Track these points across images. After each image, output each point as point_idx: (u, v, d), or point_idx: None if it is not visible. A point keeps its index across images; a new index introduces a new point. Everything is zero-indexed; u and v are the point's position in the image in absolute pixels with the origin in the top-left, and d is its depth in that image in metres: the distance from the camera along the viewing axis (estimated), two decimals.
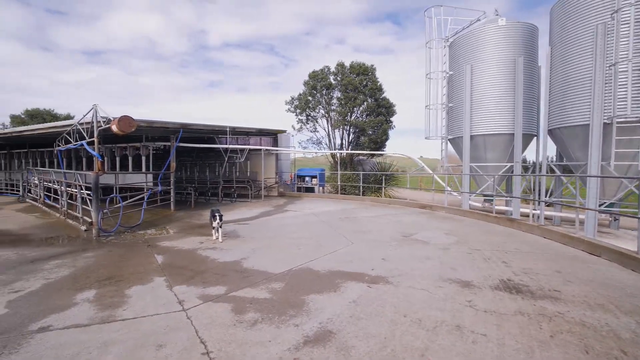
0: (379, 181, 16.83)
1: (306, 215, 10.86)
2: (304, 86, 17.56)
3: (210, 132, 13.51)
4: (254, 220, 10.00)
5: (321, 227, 8.78)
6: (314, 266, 5.28)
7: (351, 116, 16.98)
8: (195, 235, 7.86)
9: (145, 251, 6.36)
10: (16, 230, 8.41)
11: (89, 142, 8.41)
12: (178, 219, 10.27)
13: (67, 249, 6.60)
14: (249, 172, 18.42)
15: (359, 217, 10.40)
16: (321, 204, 13.87)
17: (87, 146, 8.02)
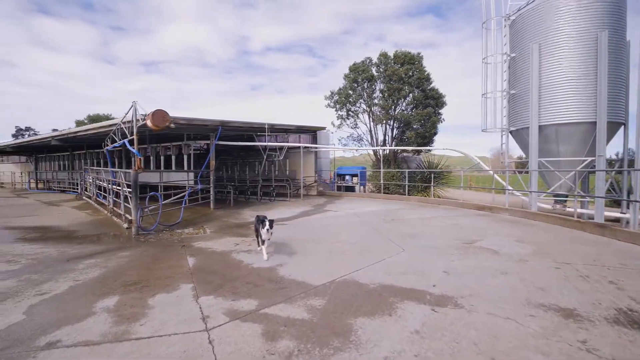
0: (426, 179, 15.45)
1: (348, 215, 10.03)
2: (344, 80, 16.68)
3: (249, 130, 13.25)
4: (292, 220, 9.40)
5: (365, 229, 7.89)
6: (360, 277, 4.44)
7: (395, 109, 15.75)
8: (231, 235, 7.43)
9: (178, 252, 5.99)
10: (65, 227, 8.65)
11: (130, 140, 8.38)
12: (216, 218, 10.02)
13: (104, 247, 6.47)
14: (288, 171, 18.03)
15: (407, 218, 9.33)
16: (363, 203, 12.94)
17: (127, 144, 7.97)
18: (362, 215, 9.89)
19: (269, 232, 5.21)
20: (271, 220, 5.25)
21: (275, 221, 9.30)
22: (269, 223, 5.21)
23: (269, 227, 5.20)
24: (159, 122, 6.16)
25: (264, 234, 5.26)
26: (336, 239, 6.87)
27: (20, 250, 6.13)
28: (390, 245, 6.18)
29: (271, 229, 5.24)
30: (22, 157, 25.83)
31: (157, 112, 6.20)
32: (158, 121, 6.15)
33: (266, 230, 5.15)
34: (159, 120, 6.17)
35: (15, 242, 6.81)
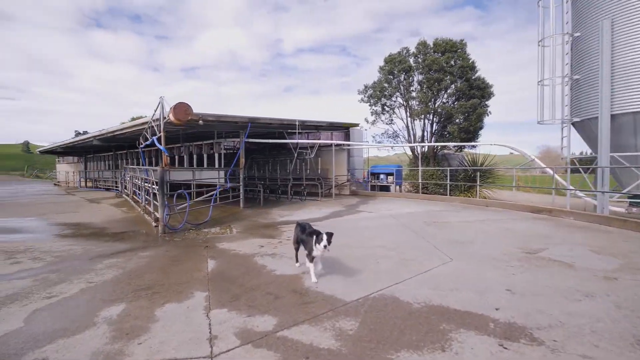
0: (470, 178, 14.08)
1: (383, 217, 9.19)
2: (379, 72, 15.70)
3: (279, 127, 12.84)
4: (322, 221, 8.77)
5: (404, 233, 7.04)
6: (401, 293, 3.68)
7: (435, 102, 14.49)
8: (257, 236, 6.96)
9: (200, 254, 5.60)
10: (98, 224, 8.75)
11: (159, 137, 8.25)
12: (244, 217, 9.67)
13: (129, 245, 6.28)
14: (320, 170, 17.45)
15: (451, 221, 8.30)
16: (400, 204, 11.98)
17: (156, 141, 7.82)
18: (399, 217, 9.01)
19: (326, 249, 3.88)
20: (330, 234, 3.92)
21: None
22: (327, 238, 3.85)
23: (327, 242, 3.84)
24: (181, 116, 5.85)
25: (318, 250, 3.95)
26: (370, 243, 6.11)
27: (49, 247, 6.10)
28: (435, 253, 5.31)
29: (329, 244, 3.88)
30: (75, 158, 27.88)
31: (179, 106, 5.88)
32: (180, 115, 5.84)
33: (323, 247, 3.83)
34: (181, 114, 5.86)
35: (47, 239, 6.87)
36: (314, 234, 4.02)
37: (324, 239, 3.87)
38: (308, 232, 4.20)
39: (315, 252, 4.01)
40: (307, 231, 4.25)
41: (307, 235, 4.17)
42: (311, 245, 4.02)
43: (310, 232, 4.12)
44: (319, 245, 3.88)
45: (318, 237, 3.92)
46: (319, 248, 3.90)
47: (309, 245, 4.07)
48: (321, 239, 3.88)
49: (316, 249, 3.95)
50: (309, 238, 4.09)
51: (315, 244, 3.92)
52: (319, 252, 3.98)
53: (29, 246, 6.15)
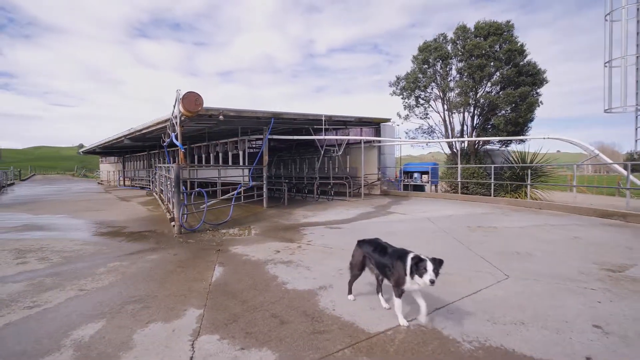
0: (518, 177, 12.47)
1: (418, 220, 8.16)
2: (412, 62, 14.30)
3: (305, 122, 12.18)
4: (349, 223, 7.94)
5: (443, 240, 6.03)
6: (444, 326, 2.79)
7: (477, 92, 12.96)
8: (275, 239, 6.31)
9: (209, 259, 5.03)
10: (120, 222, 8.60)
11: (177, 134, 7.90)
12: (266, 218, 9.10)
13: (141, 246, 5.89)
14: (349, 168, 16.60)
15: (501, 227, 7.10)
16: (436, 205, 10.81)
17: (174, 138, 7.45)
18: (436, 221, 7.94)
19: (431, 285, 2.52)
20: (438, 261, 2.61)
21: (329, 223, 8.05)
22: (435, 267, 2.56)
23: (435, 274, 2.53)
24: (190, 106, 5.35)
25: (415, 284, 2.67)
26: None
27: (62, 247, 5.87)
28: (485, 268, 4.30)
29: (437, 276, 2.55)
30: (115, 158, 29.38)
31: (188, 96, 5.38)
32: (190, 105, 5.34)
33: (429, 282, 2.50)
34: (191, 104, 5.36)
35: (65, 237, 6.71)
36: (405, 257, 2.74)
37: (429, 268, 2.54)
38: (392, 253, 2.93)
39: (410, 285, 2.71)
40: (388, 251, 2.98)
41: (392, 259, 2.87)
42: (401, 275, 2.72)
43: (399, 254, 2.85)
44: (421, 278, 2.56)
45: (418, 265, 2.59)
46: (418, 281, 2.60)
47: (397, 275, 2.77)
48: (424, 268, 2.55)
49: (413, 281, 2.65)
50: (396, 263, 2.80)
51: (413, 273, 2.62)
52: (417, 287, 2.70)
53: (43, 245, 5.98)
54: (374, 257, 3.10)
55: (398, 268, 2.78)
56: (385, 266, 2.95)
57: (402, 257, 2.79)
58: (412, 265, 2.64)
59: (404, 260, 2.74)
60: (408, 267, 2.67)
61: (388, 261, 2.91)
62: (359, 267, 3.27)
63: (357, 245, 3.37)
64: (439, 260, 2.63)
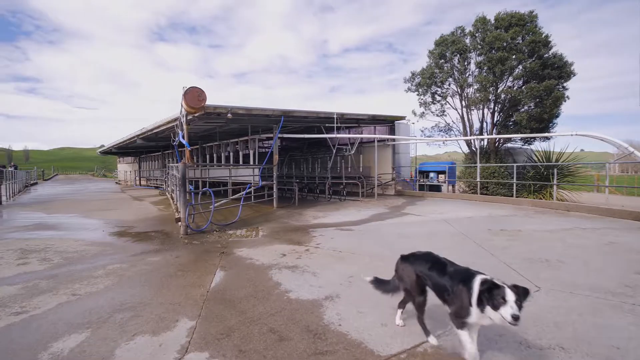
0: (542, 177, 11.73)
1: (434, 222, 7.69)
2: (428, 57, 13.68)
3: (316, 120, 11.87)
4: (361, 225, 7.56)
5: (463, 244, 5.57)
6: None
7: (497, 87, 12.23)
8: (283, 242, 6.01)
9: (211, 262, 4.78)
10: (129, 222, 8.53)
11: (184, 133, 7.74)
12: (275, 219, 8.84)
13: (144, 248, 5.72)
14: (362, 167, 16.17)
15: (525, 230, 6.56)
16: (454, 206, 10.27)
17: (180, 136, 7.28)
18: (455, 223, 7.45)
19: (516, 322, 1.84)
20: (523, 291, 1.94)
21: (340, 225, 7.70)
22: (517, 298, 1.88)
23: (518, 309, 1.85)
24: (193, 102, 5.11)
25: (486, 318, 2.02)
26: None
27: (66, 247, 5.77)
28: (511, 277, 3.85)
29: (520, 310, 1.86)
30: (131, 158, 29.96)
31: (190, 91, 5.15)
32: (192, 101, 5.11)
33: (512, 318, 1.83)
34: (193, 100, 5.12)
35: (71, 237, 6.64)
36: (471, 280, 2.08)
37: (510, 298, 1.86)
38: (453, 273, 2.27)
39: (479, 319, 2.04)
40: (448, 271, 2.33)
41: (453, 281, 2.22)
42: (464, 304, 2.08)
43: (462, 276, 2.19)
44: (496, 311, 1.90)
45: (492, 294, 1.92)
46: (491, 315, 1.94)
47: (459, 304, 2.13)
48: (501, 298, 1.89)
49: (483, 315, 1.99)
50: (459, 287, 2.15)
51: (483, 304, 1.97)
52: (489, 322, 2.01)
53: (48, 245, 5.90)
54: (430, 278, 2.42)
55: (461, 295, 2.11)
56: (442, 289, 2.30)
57: (466, 279, 2.12)
58: (482, 292, 1.95)
59: (469, 285, 2.07)
60: (475, 294, 2.00)
61: (448, 283, 2.25)
62: (419, 289, 2.48)
63: (402, 262, 2.67)
64: (524, 289, 1.91)
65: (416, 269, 2.52)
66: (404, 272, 2.61)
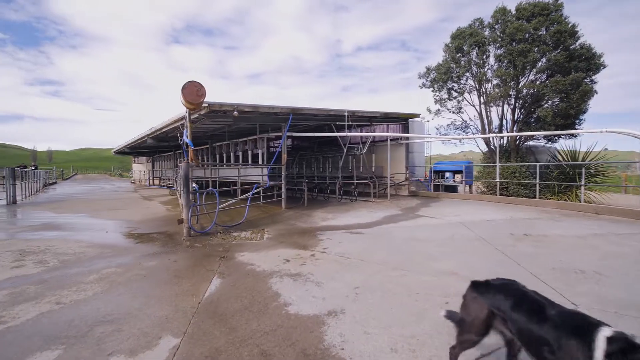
0: (568, 177, 10.98)
1: (451, 225, 7.20)
2: (444, 52, 13.00)
3: (326, 118, 11.49)
4: (371, 228, 7.15)
5: (483, 251, 5.08)
6: None
7: (518, 82, 11.47)
8: (288, 245, 5.68)
9: (210, 268, 4.49)
10: (134, 222, 8.39)
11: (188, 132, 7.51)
12: (283, 220, 8.52)
13: (143, 250, 5.49)
14: (374, 167, 15.69)
15: (552, 235, 5.99)
16: (471, 208, 9.69)
17: (185, 136, 7.05)
18: (473, 226, 6.93)
19: None
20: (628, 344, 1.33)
21: (349, 228, 7.31)
22: None
23: None
24: (191, 98, 4.83)
25: None
26: (434, 267, 4.35)
27: (66, 248, 5.61)
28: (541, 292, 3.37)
29: None
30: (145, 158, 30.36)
31: (188, 86, 4.86)
32: (190, 96, 4.83)
33: None
34: (192, 96, 4.84)
35: (73, 238, 6.51)
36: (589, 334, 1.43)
37: None
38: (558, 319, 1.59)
39: None
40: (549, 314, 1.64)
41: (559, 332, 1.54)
42: None
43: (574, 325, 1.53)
44: None
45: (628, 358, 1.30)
46: None
47: None
48: None
49: None
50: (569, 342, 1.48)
51: None
52: None
53: (49, 246, 5.76)
54: (515, 321, 1.74)
55: (573, 354, 1.44)
56: (538, 342, 1.59)
57: (582, 332, 1.46)
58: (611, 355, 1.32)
59: (587, 340, 1.41)
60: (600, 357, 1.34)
61: (549, 333, 1.55)
62: (480, 330, 1.91)
63: (472, 290, 2.03)
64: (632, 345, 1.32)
65: (492, 303, 1.88)
66: (471, 303, 1.98)
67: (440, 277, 3.90)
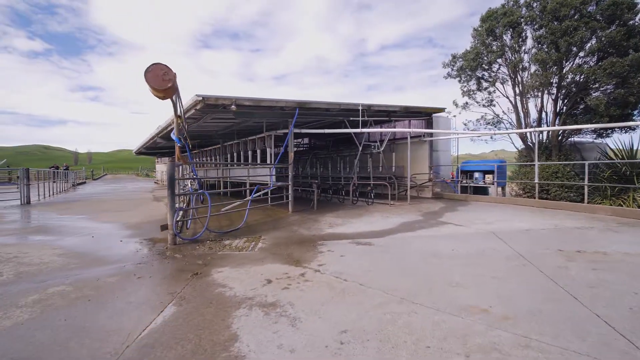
0: (623, 178, 9.28)
1: (480, 236, 5.99)
2: (473, 37, 11.53)
3: (338, 114, 10.51)
4: (383, 238, 6.10)
5: (526, 277, 3.91)
6: None
7: (562, 67, 9.80)
8: (278, 259, 4.79)
9: (171, 290, 3.68)
10: (130, 225, 7.89)
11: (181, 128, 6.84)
12: (286, 225, 7.66)
13: (112, 262, 4.82)
14: (394, 167, 14.48)
15: (611, 253, 4.66)
16: (505, 214, 8.34)
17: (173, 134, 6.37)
18: (508, 238, 5.70)
19: None
20: None
21: (357, 237, 6.28)
22: None
23: None
24: (156, 83, 4.04)
25: None
26: (454, 298, 3.27)
27: (35, 257, 5.06)
28: (617, 349, 2.22)
29: None
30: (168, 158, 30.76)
31: (152, 69, 4.03)
32: (155, 81, 4.03)
33: None
34: (157, 81, 4.04)
35: (53, 244, 5.99)
36: None
37: None
38: None
39: None
40: None
41: None
42: None
43: None
44: None
45: None
46: None
47: None
48: None
49: None
50: None
51: None
52: None
53: (20, 253, 5.25)
54: None
55: None
56: None
57: None
58: None
59: None
60: None
61: None
62: None
63: None
64: None
65: None
66: None
67: (463, 315, 2.84)
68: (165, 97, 4.38)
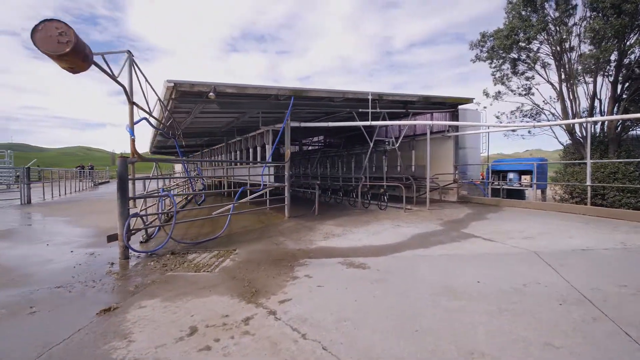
0: None
1: (518, 258, 4.42)
2: (506, 11, 9.60)
3: (344, 104, 9.15)
4: (385, 257, 4.69)
5: (593, 336, 2.38)
6: None
7: (623, 41, 7.77)
8: (232, 289, 3.58)
9: (46, 340, 2.54)
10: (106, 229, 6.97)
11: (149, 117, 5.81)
12: (272, 235, 6.42)
13: (29, 286, 3.81)
14: (414, 166, 12.87)
15: None
16: (549, 224, 6.60)
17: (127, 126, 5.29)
18: (557, 262, 4.09)
19: None
20: None
21: (351, 255, 4.88)
22: None
23: None
24: (49, 47, 2.87)
25: None
26: None
27: None
28: None
29: None
30: None
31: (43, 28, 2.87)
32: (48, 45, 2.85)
33: None
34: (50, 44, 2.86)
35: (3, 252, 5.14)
36: None
37: None
38: None
39: None
40: None
41: None
42: None
43: None
44: None
45: None
46: None
47: None
48: None
49: None
50: None
51: None
52: None
53: None
54: None
55: None
56: None
57: None
58: None
59: None
60: None
61: None
62: None
63: None
64: None
65: None
66: None
67: None
68: (74, 69, 3.26)
